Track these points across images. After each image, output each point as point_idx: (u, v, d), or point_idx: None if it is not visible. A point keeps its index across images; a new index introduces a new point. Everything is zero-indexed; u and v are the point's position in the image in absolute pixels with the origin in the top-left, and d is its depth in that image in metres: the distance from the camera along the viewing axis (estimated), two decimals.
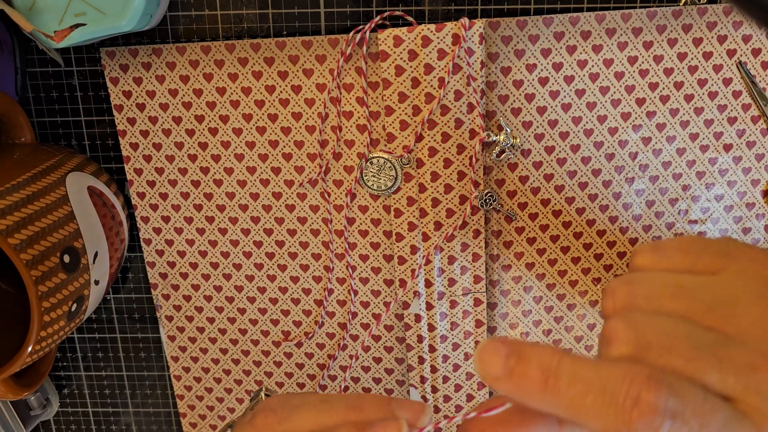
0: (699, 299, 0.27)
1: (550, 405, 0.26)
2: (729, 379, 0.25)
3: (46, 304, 0.39)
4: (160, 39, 0.47)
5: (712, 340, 0.26)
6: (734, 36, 0.45)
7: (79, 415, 0.58)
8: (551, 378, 0.25)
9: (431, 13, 0.46)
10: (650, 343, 0.26)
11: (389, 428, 0.32)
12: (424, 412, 0.33)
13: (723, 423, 0.24)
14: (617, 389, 0.25)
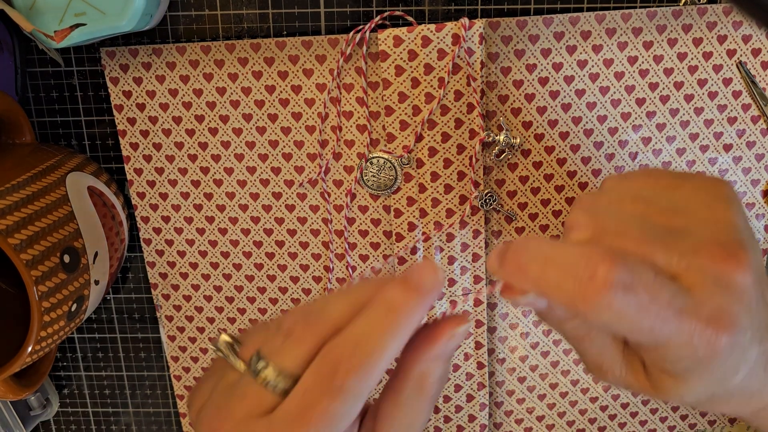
0: (655, 203, 0.32)
1: (527, 284, 0.29)
2: (674, 259, 0.29)
3: (46, 304, 0.39)
4: (160, 39, 0.47)
5: (662, 231, 0.30)
6: (734, 36, 0.45)
7: (79, 415, 0.58)
8: (522, 260, 0.29)
9: (431, 13, 0.46)
10: (606, 229, 0.31)
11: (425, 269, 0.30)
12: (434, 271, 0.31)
13: (670, 297, 0.28)
14: (577, 265, 0.28)
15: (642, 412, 0.54)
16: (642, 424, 0.55)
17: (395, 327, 0.29)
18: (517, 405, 0.54)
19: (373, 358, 0.29)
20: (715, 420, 0.54)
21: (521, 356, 0.52)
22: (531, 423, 0.54)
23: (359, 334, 0.29)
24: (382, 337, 0.29)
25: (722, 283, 0.29)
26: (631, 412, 0.54)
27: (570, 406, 0.54)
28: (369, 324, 0.30)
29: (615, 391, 0.53)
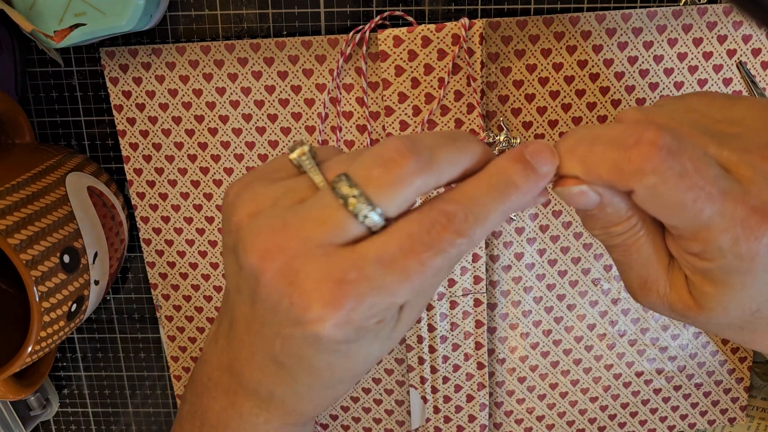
0: (709, 116, 0.32)
1: (574, 165, 0.29)
2: (725, 152, 0.29)
3: (46, 304, 0.39)
4: (160, 39, 0.47)
5: (715, 132, 0.30)
6: (734, 36, 0.45)
7: (79, 416, 0.58)
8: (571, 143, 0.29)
9: (431, 13, 0.46)
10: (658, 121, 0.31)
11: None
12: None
13: (715, 175, 0.28)
14: (623, 136, 0.28)
15: (642, 412, 0.54)
16: (642, 423, 0.55)
17: (509, 202, 0.29)
18: (517, 405, 0.54)
19: (483, 225, 0.28)
20: (715, 420, 0.54)
21: (521, 356, 0.52)
22: (531, 423, 0.54)
23: (476, 198, 0.28)
24: (496, 208, 0.28)
25: (765, 174, 0.29)
26: (631, 411, 0.54)
27: (570, 406, 0.54)
28: (488, 191, 0.29)
29: (615, 391, 0.53)
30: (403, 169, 0.27)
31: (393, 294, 0.28)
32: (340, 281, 0.27)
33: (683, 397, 0.54)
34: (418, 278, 0.27)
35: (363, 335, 0.30)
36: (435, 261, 0.27)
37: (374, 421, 0.55)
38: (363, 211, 0.27)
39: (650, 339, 0.52)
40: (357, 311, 0.28)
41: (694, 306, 0.33)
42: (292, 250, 0.28)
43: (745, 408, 0.54)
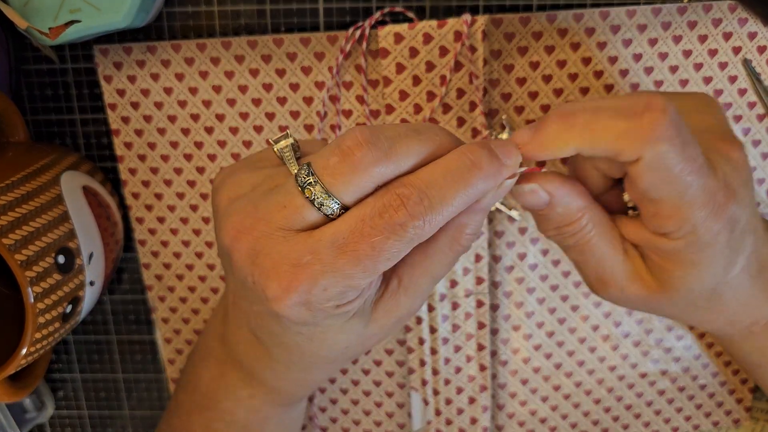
0: None
1: (572, 134, 0.30)
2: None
3: (41, 305, 0.39)
4: (157, 35, 0.46)
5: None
6: (739, 33, 0.45)
7: (75, 418, 0.57)
8: (568, 110, 0.30)
9: (432, 9, 0.45)
10: None
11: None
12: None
13: (700, 151, 0.30)
14: (630, 104, 0.29)
15: (646, 414, 0.54)
16: (645, 425, 0.54)
17: (472, 185, 0.29)
18: (520, 407, 0.53)
19: (441, 207, 0.28)
20: (719, 421, 0.54)
21: (524, 358, 0.52)
22: (534, 425, 0.54)
23: (433, 181, 0.29)
24: (456, 192, 0.29)
25: (726, 159, 0.32)
26: (635, 413, 0.54)
27: (573, 408, 0.53)
28: (446, 175, 0.29)
29: (618, 392, 0.53)
30: (359, 158, 0.28)
31: (346, 277, 0.28)
32: (295, 264, 0.29)
33: (687, 398, 0.53)
34: (370, 261, 0.28)
35: (322, 319, 0.30)
36: (387, 244, 0.28)
37: (375, 424, 0.54)
38: (319, 198, 0.29)
39: (654, 340, 0.51)
40: (311, 293, 0.29)
41: (657, 289, 0.34)
42: (257, 231, 0.29)
43: (750, 409, 0.54)
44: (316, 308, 0.29)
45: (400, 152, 0.29)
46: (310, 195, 0.29)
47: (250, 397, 0.41)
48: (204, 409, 0.43)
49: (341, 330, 0.32)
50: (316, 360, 0.35)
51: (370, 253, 0.28)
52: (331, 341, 0.33)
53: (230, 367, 0.40)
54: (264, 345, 0.36)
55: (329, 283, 0.28)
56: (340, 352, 0.34)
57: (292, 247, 0.29)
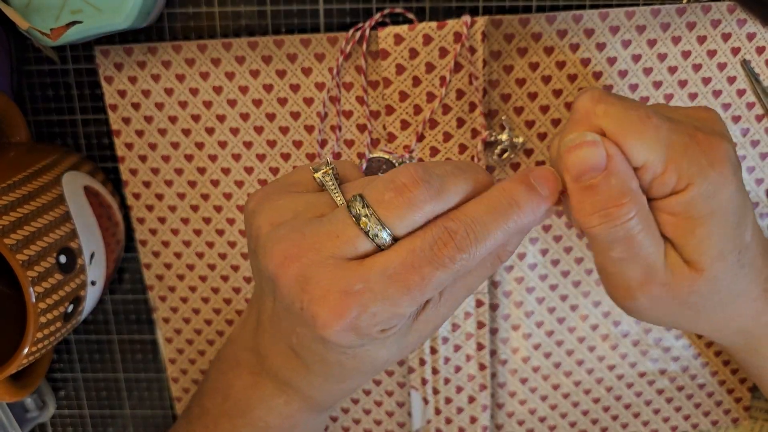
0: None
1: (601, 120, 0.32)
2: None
3: (43, 305, 0.39)
4: (158, 36, 0.46)
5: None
6: (738, 34, 0.45)
7: (76, 417, 0.57)
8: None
9: (432, 10, 0.45)
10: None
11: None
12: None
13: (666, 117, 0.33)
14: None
15: (645, 413, 0.54)
16: (645, 424, 0.54)
17: (511, 221, 0.31)
18: (519, 406, 0.53)
19: (485, 242, 0.30)
20: (718, 420, 0.54)
21: (523, 357, 0.52)
22: (533, 424, 0.54)
23: (478, 217, 0.30)
24: (498, 227, 0.30)
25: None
26: (634, 412, 0.54)
27: (572, 407, 0.54)
28: (489, 211, 0.31)
29: (618, 391, 0.53)
30: (414, 194, 0.30)
31: (395, 305, 0.30)
32: (346, 292, 0.30)
33: (686, 397, 0.53)
34: (419, 291, 0.30)
35: (368, 342, 0.32)
36: (435, 275, 0.29)
37: (375, 423, 0.54)
38: (373, 230, 0.30)
39: (653, 339, 0.51)
40: (360, 319, 0.30)
41: (692, 273, 0.34)
42: (306, 259, 0.30)
43: (749, 409, 0.54)
44: (363, 333, 0.31)
45: (449, 190, 0.31)
46: (365, 226, 0.30)
47: (285, 404, 0.41)
48: (233, 417, 0.43)
49: (383, 346, 0.33)
50: (355, 374, 0.36)
51: (420, 282, 0.29)
52: (373, 357, 0.34)
53: (265, 378, 0.41)
54: (303, 361, 0.36)
55: (378, 310, 0.30)
56: (381, 365, 0.35)
57: (344, 275, 0.30)
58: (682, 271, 0.35)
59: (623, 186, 0.32)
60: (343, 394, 0.40)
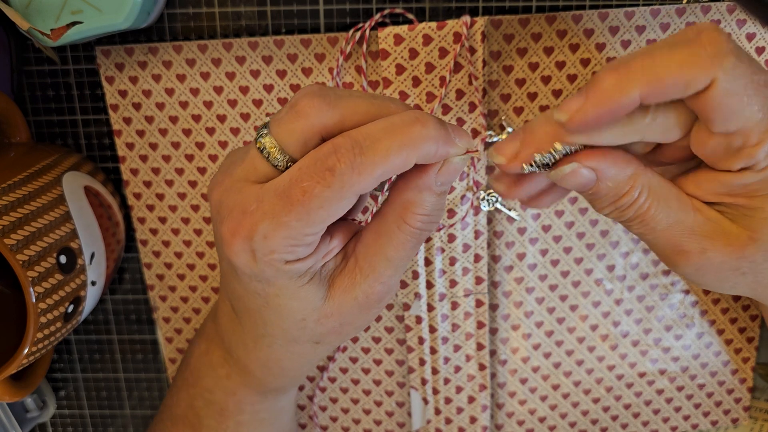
0: None
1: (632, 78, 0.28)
2: None
3: (43, 305, 0.39)
4: (158, 36, 0.46)
5: None
6: (738, 34, 0.45)
7: (76, 417, 0.57)
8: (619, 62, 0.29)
9: (432, 11, 0.45)
10: None
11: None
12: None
13: None
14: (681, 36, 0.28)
15: (644, 413, 0.54)
16: (644, 424, 0.54)
17: (410, 140, 0.29)
18: (519, 406, 0.53)
19: (373, 155, 0.29)
20: (718, 420, 0.54)
21: (523, 357, 0.52)
22: (533, 424, 0.54)
23: (370, 133, 0.29)
24: (392, 142, 0.29)
25: None
26: (634, 412, 0.54)
27: (572, 407, 0.54)
28: (386, 128, 0.30)
29: (617, 391, 0.53)
30: (303, 106, 0.30)
31: (282, 225, 0.30)
32: (243, 211, 0.31)
33: (686, 397, 0.53)
34: (302, 207, 0.29)
35: (271, 274, 0.32)
36: (315, 189, 0.29)
37: (375, 423, 0.54)
38: (266, 148, 0.31)
39: (653, 339, 0.51)
40: (253, 240, 0.30)
41: (747, 240, 0.32)
42: (223, 186, 0.32)
43: (748, 409, 0.54)
44: (260, 259, 0.31)
45: (345, 105, 0.30)
46: (261, 146, 0.31)
47: (227, 378, 0.42)
48: (189, 386, 0.44)
49: (295, 296, 0.33)
50: (275, 332, 0.36)
51: (301, 198, 0.29)
52: (286, 308, 0.34)
53: (216, 345, 0.42)
54: (237, 314, 0.37)
55: (267, 229, 0.30)
56: (297, 326, 0.35)
57: (244, 196, 0.31)
58: (735, 236, 0.32)
59: (621, 181, 0.31)
60: (275, 372, 0.39)
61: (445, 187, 0.32)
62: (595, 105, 0.28)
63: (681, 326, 0.51)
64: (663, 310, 0.51)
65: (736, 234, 0.32)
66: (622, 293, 0.50)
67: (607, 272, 0.50)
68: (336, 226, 0.34)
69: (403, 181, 0.32)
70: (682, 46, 0.27)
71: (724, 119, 0.28)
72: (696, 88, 0.28)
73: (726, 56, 0.27)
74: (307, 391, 0.54)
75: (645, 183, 0.32)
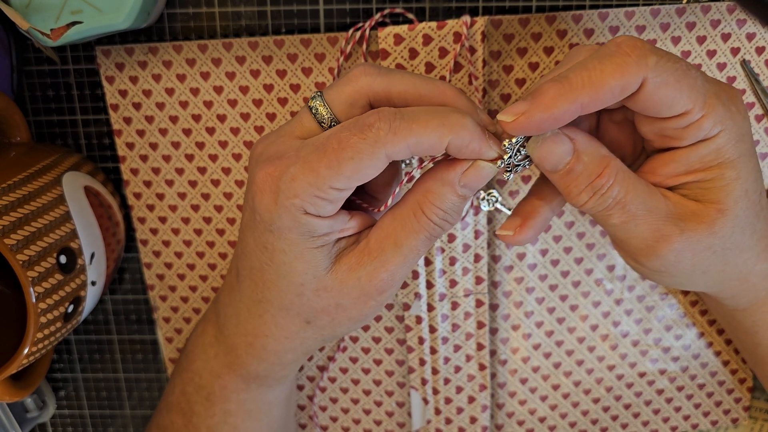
0: None
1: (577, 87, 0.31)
2: None
3: (43, 305, 0.39)
4: (158, 36, 0.46)
5: None
6: (738, 34, 0.45)
7: (76, 417, 0.57)
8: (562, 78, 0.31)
9: (432, 10, 0.45)
10: None
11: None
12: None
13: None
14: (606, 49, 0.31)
15: (644, 413, 0.54)
16: (644, 424, 0.54)
17: (449, 122, 0.31)
18: (519, 406, 0.53)
19: (413, 126, 0.31)
20: (718, 420, 0.54)
21: (523, 357, 0.52)
22: (533, 424, 0.54)
23: (414, 111, 0.32)
24: (429, 121, 0.31)
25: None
26: (634, 412, 0.54)
27: (572, 407, 0.54)
28: (429, 109, 0.32)
29: (618, 391, 0.53)
30: (355, 73, 0.33)
31: (311, 169, 0.31)
32: (279, 155, 0.33)
33: (686, 397, 0.53)
34: (334, 155, 0.31)
35: (287, 221, 0.33)
36: (351, 141, 0.31)
37: (375, 423, 0.54)
38: (315, 106, 0.34)
39: (653, 339, 0.51)
40: (281, 180, 0.32)
41: (717, 213, 0.34)
42: (269, 139, 0.35)
43: (748, 409, 0.54)
44: (281, 203, 0.32)
45: (393, 75, 0.33)
46: (311, 103, 0.34)
47: (214, 357, 0.42)
48: (183, 371, 0.45)
49: (300, 257, 0.34)
50: (272, 296, 0.36)
51: (336, 147, 0.31)
52: (288, 268, 0.35)
53: (211, 324, 0.43)
54: (239, 278, 0.38)
55: (296, 171, 0.31)
56: (294, 290, 0.35)
57: (286, 146, 0.33)
58: (704, 213, 0.35)
59: (597, 158, 0.33)
60: (260, 351, 0.40)
61: (467, 191, 0.33)
62: (540, 110, 0.31)
63: (681, 326, 0.51)
64: (663, 310, 0.51)
65: (705, 211, 0.35)
66: (622, 293, 0.50)
67: (607, 272, 0.50)
68: (356, 212, 0.35)
69: (430, 172, 0.34)
70: (609, 58, 0.31)
71: (665, 107, 0.32)
72: (631, 90, 0.31)
73: (648, 57, 0.31)
74: (307, 391, 0.54)
75: (618, 166, 0.34)
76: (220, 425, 0.43)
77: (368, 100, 0.33)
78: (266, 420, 0.45)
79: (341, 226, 0.34)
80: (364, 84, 0.33)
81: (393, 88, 0.33)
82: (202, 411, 0.43)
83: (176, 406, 0.45)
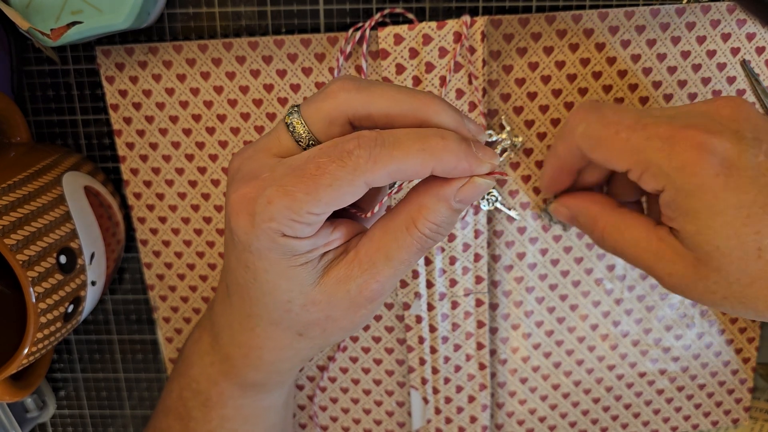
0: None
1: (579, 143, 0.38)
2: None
3: (43, 305, 0.39)
4: (158, 36, 0.46)
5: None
6: (738, 34, 0.45)
7: (76, 417, 0.57)
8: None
9: (432, 10, 0.45)
10: None
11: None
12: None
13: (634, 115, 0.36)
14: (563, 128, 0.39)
15: (644, 413, 0.54)
16: (644, 424, 0.54)
17: (431, 148, 0.30)
18: (519, 406, 0.53)
19: (394, 153, 0.30)
20: (718, 421, 0.54)
21: (523, 357, 0.52)
22: (533, 424, 0.54)
23: (396, 133, 0.30)
24: (414, 147, 0.30)
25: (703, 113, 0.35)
26: (634, 412, 0.54)
27: (572, 407, 0.54)
28: (412, 133, 0.30)
29: (618, 391, 0.53)
30: (333, 87, 0.31)
31: (288, 194, 0.30)
32: (255, 176, 0.31)
33: (686, 397, 0.53)
34: (312, 182, 0.30)
35: (265, 243, 0.32)
36: (329, 167, 0.29)
37: (375, 423, 0.54)
38: (292, 123, 0.32)
39: (653, 339, 0.51)
40: (257, 204, 0.31)
41: (693, 261, 0.35)
42: (245, 154, 0.33)
43: (749, 409, 0.54)
44: (258, 225, 0.31)
45: (373, 90, 0.31)
46: (288, 120, 0.32)
47: (210, 365, 0.42)
48: (180, 375, 0.45)
49: (284, 275, 0.33)
50: (260, 311, 0.36)
51: (314, 172, 0.29)
52: (273, 286, 0.34)
53: (207, 332, 0.43)
54: (229, 292, 0.37)
55: (272, 195, 0.30)
56: (282, 307, 0.34)
57: (261, 164, 0.32)
58: (687, 259, 0.35)
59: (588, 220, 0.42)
60: (255, 361, 0.39)
61: (462, 205, 0.32)
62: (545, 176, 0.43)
63: (681, 326, 0.51)
64: (663, 310, 0.51)
65: (689, 257, 0.35)
66: (622, 293, 0.50)
67: (607, 272, 0.50)
68: (341, 220, 0.34)
69: (425, 186, 0.33)
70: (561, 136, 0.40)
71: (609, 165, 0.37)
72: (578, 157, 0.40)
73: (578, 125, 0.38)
74: (307, 391, 0.54)
75: (608, 221, 0.39)
76: (218, 430, 0.43)
77: (347, 118, 0.32)
78: (264, 424, 0.45)
79: (324, 240, 0.33)
80: (342, 101, 0.31)
81: (373, 106, 0.31)
82: (199, 416, 0.43)
83: (174, 410, 0.45)
